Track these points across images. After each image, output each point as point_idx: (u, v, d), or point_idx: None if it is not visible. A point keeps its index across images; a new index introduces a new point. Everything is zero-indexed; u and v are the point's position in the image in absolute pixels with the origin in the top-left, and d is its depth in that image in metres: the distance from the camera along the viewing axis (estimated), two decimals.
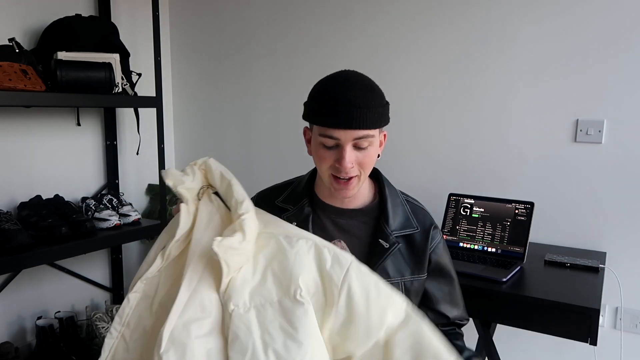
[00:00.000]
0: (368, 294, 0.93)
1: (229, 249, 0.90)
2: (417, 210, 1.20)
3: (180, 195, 0.99)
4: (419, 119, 2.14)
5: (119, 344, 0.99)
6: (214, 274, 0.94)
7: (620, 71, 1.78)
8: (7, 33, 1.95)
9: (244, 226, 0.93)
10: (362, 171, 1.06)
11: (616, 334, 1.85)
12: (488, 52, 1.98)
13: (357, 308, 0.92)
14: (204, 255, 0.95)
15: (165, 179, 0.99)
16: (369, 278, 0.95)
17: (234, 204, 0.97)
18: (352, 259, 0.96)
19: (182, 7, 2.65)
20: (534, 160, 1.94)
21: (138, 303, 0.99)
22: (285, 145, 2.45)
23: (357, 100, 0.99)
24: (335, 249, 0.98)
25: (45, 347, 1.99)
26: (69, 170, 2.24)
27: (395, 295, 0.96)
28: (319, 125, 1.03)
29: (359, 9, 2.21)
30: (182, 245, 1.00)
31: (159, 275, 1.00)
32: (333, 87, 1.02)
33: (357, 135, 1.01)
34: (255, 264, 0.96)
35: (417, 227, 1.15)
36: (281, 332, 0.89)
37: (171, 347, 0.87)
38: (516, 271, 1.59)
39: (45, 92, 1.75)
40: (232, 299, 0.92)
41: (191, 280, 0.93)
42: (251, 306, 0.92)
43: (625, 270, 1.81)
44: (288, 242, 0.98)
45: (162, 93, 2.20)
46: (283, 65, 2.42)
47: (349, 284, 0.93)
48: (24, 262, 1.74)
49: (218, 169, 1.01)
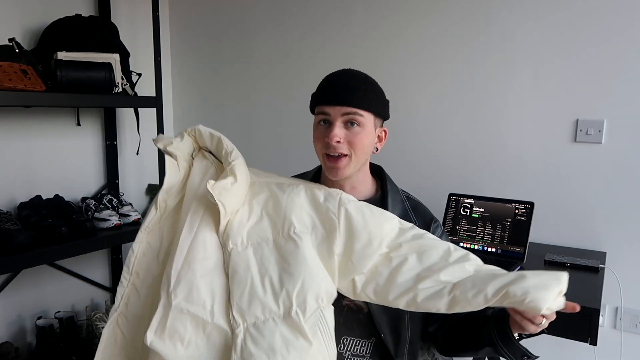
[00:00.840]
0: (363, 213, 1.05)
1: (222, 190, 0.98)
2: (417, 206, 1.23)
3: (169, 153, 1.07)
4: (419, 119, 2.14)
5: (130, 292, 1.06)
6: (213, 218, 1.02)
7: (621, 71, 1.78)
8: (7, 33, 1.95)
9: (235, 170, 1.02)
10: (353, 152, 1.10)
11: (616, 334, 1.85)
12: (488, 52, 1.98)
13: (356, 225, 1.03)
14: (202, 201, 1.03)
15: (156, 143, 1.08)
16: (359, 203, 1.08)
17: (224, 155, 1.06)
18: (340, 191, 1.09)
19: (182, 7, 2.65)
20: (534, 160, 1.94)
21: (144, 253, 1.06)
22: (286, 144, 2.45)
23: (348, 82, 1.10)
24: (324, 187, 1.10)
25: (45, 347, 1.99)
26: (69, 170, 2.24)
27: (386, 212, 1.09)
28: (316, 105, 1.13)
29: (360, 11, 2.21)
30: (177, 197, 1.08)
31: (160, 227, 1.07)
32: (331, 75, 1.15)
33: (345, 110, 1.08)
34: (251, 208, 1.05)
35: (415, 222, 1.18)
36: (276, 267, 0.99)
37: (178, 285, 0.96)
38: (516, 271, 1.59)
39: (45, 92, 1.75)
40: (230, 238, 1.00)
41: (192, 224, 1.00)
42: (248, 244, 1.01)
43: (625, 270, 1.81)
44: (280, 188, 1.08)
45: (162, 93, 2.20)
46: (283, 65, 2.42)
47: (344, 208, 1.04)
48: (24, 262, 1.74)
49: (207, 130, 1.10)
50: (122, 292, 1.06)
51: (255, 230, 1.03)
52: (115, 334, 1.06)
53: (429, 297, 0.99)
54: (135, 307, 1.06)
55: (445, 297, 0.98)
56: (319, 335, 0.97)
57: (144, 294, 1.06)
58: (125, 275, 1.05)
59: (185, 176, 1.10)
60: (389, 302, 1.03)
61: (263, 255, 1.00)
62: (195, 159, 1.11)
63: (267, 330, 0.94)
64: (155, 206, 1.06)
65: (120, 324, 1.06)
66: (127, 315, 1.06)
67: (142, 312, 1.05)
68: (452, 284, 0.98)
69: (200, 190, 1.06)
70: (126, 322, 1.06)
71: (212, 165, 1.11)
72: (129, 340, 1.07)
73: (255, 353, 0.92)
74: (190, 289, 0.97)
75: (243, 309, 0.96)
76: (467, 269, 1.01)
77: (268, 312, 0.95)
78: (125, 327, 1.06)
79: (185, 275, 0.97)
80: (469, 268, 1.01)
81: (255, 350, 0.93)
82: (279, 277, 0.97)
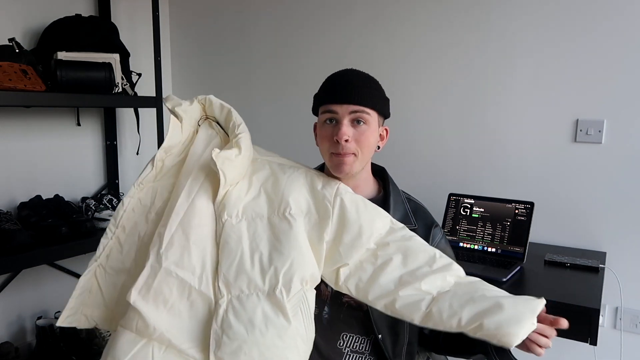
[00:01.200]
0: (357, 205, 1.06)
1: (226, 160, 0.99)
2: (418, 209, 1.24)
3: (176, 113, 1.08)
4: (419, 119, 2.14)
5: (113, 245, 1.07)
6: (212, 187, 1.03)
7: (621, 71, 1.78)
8: (7, 33, 1.95)
9: (240, 143, 1.04)
10: (360, 151, 1.10)
11: (616, 334, 1.85)
12: (488, 52, 1.98)
13: (349, 216, 1.04)
14: (204, 168, 1.05)
15: (165, 102, 1.09)
16: (355, 196, 1.09)
17: (232, 126, 1.08)
18: (339, 181, 1.10)
19: (182, 7, 2.65)
20: (534, 160, 1.94)
21: (133, 209, 1.07)
22: (286, 144, 2.45)
23: (353, 81, 1.11)
24: (324, 176, 1.12)
25: (45, 347, 1.99)
26: (69, 170, 2.24)
27: (380, 209, 1.09)
28: (321, 105, 1.13)
29: (360, 11, 2.21)
30: (176, 159, 1.10)
31: (154, 187, 1.08)
32: (335, 74, 1.16)
33: (353, 109, 1.09)
34: (250, 183, 1.07)
35: (415, 225, 1.19)
36: (267, 244, 1.00)
37: (170, 248, 0.97)
38: (516, 271, 1.59)
39: (45, 92, 1.75)
40: (225, 210, 1.01)
41: (191, 190, 1.02)
42: (243, 218, 1.02)
43: (625, 270, 1.81)
44: (281, 169, 1.10)
45: (162, 93, 2.20)
46: (283, 65, 2.42)
47: (340, 197, 1.06)
48: (24, 262, 1.74)
49: (218, 100, 1.13)
50: (105, 243, 1.06)
51: (252, 205, 1.04)
52: (91, 283, 1.07)
53: (407, 305, 0.99)
54: (116, 261, 1.07)
55: (422, 310, 0.98)
56: (300, 316, 0.98)
57: (127, 249, 1.06)
58: (110, 228, 1.06)
59: (189, 140, 1.11)
60: (368, 301, 1.03)
61: (256, 230, 1.01)
62: (201, 127, 1.12)
63: (250, 305, 0.95)
64: (151, 163, 1.07)
65: (98, 275, 1.07)
66: (105, 267, 1.07)
67: (121, 266, 1.06)
68: (432, 297, 0.98)
69: (203, 158, 1.07)
70: (104, 274, 1.07)
71: (217, 135, 1.12)
72: (104, 292, 1.08)
73: (235, 325, 0.94)
74: (182, 254, 0.97)
75: (229, 280, 0.97)
76: (448, 279, 1.01)
77: (253, 287, 0.96)
78: (102, 279, 1.07)
79: (179, 239, 0.98)
80: (449, 279, 1.01)
81: (235, 322, 0.94)
82: (269, 254, 0.98)
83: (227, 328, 0.94)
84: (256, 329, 0.93)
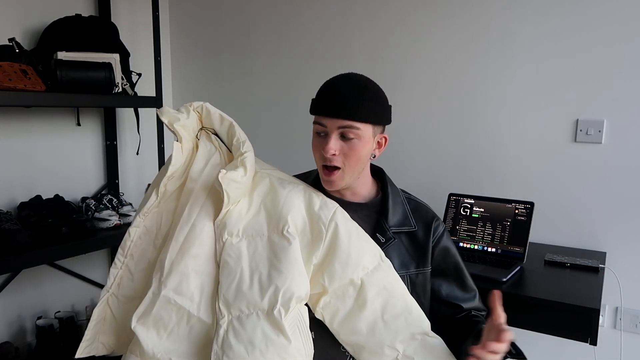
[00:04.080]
0: (350, 233, 1.05)
1: (231, 182, 0.98)
2: (418, 207, 1.22)
3: (177, 133, 1.05)
4: (419, 119, 2.14)
5: (123, 273, 1.08)
6: (213, 206, 1.03)
7: (620, 71, 1.78)
8: (7, 33, 1.95)
9: (246, 163, 1.02)
10: (346, 163, 1.09)
11: (616, 334, 1.85)
12: (488, 52, 1.98)
13: (340, 243, 1.03)
14: (205, 188, 1.04)
15: (160, 116, 1.06)
16: (351, 223, 1.08)
17: (236, 143, 1.07)
18: (337, 205, 1.08)
19: (182, 7, 2.65)
20: (534, 160, 1.94)
21: (140, 237, 1.07)
22: (285, 144, 2.45)
23: (346, 93, 1.06)
24: (322, 196, 1.09)
25: (45, 347, 1.99)
26: (69, 170, 2.24)
27: (372, 241, 1.08)
28: (313, 114, 1.11)
29: (359, 10, 2.21)
30: (178, 182, 1.08)
31: (159, 212, 1.08)
32: (331, 82, 1.11)
33: (342, 124, 1.06)
34: (251, 200, 1.06)
35: (414, 227, 1.17)
36: (267, 262, 1.00)
37: (170, 275, 0.98)
38: (516, 271, 1.59)
39: (45, 92, 1.75)
40: (226, 229, 1.01)
41: (191, 213, 1.02)
42: (243, 237, 1.02)
43: (625, 270, 1.81)
44: (280, 184, 1.09)
45: (162, 93, 2.20)
46: (283, 65, 2.42)
47: (335, 222, 1.04)
48: (24, 262, 1.74)
49: (217, 111, 1.10)
50: (115, 273, 1.07)
51: (252, 223, 1.03)
52: (105, 312, 1.09)
53: (372, 356, 1.04)
54: (127, 289, 1.08)
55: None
56: (298, 333, 0.99)
57: (137, 277, 1.07)
58: (119, 257, 1.07)
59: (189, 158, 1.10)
60: (337, 336, 1.06)
61: (256, 249, 1.01)
62: (200, 141, 1.10)
63: (250, 325, 0.96)
64: (155, 192, 1.06)
65: (111, 304, 1.08)
66: (118, 295, 1.08)
67: (133, 294, 1.07)
68: (396, 356, 1.03)
69: (204, 176, 1.06)
70: (117, 302, 1.09)
71: (216, 151, 1.10)
72: (118, 320, 1.09)
73: (235, 346, 0.94)
74: (180, 281, 0.98)
75: (229, 301, 0.97)
76: (416, 337, 1.04)
77: (253, 306, 0.97)
78: (115, 307, 1.09)
79: (178, 266, 0.99)
80: (417, 337, 1.05)
81: (235, 343, 0.94)
82: (268, 272, 0.99)
83: (227, 349, 0.94)
84: (256, 349, 0.94)
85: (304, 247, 1.03)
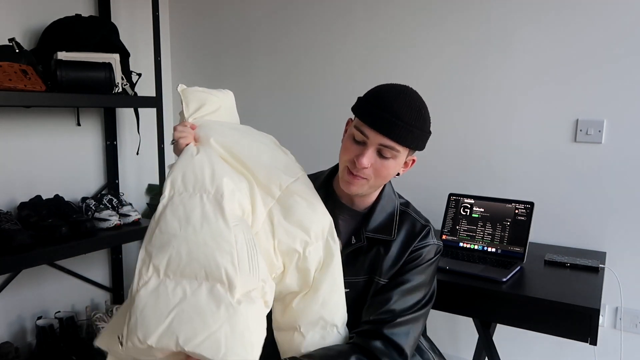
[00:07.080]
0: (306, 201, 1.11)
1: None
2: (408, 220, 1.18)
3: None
4: None
5: None
6: None
7: (620, 71, 1.78)
8: (7, 33, 1.95)
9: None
10: (374, 178, 1.08)
11: (616, 334, 1.85)
12: (488, 52, 1.98)
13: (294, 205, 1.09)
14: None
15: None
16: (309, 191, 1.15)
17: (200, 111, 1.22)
18: (301, 172, 1.21)
19: (182, 7, 2.65)
20: (534, 160, 1.94)
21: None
22: (286, 143, 2.44)
23: (400, 113, 1.03)
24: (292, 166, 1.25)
25: (45, 347, 1.99)
26: (69, 170, 2.24)
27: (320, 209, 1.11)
28: (359, 119, 1.07)
29: (359, 8, 2.21)
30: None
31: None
32: (388, 93, 1.06)
33: (384, 143, 1.04)
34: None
35: (392, 236, 1.14)
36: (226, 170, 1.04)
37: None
38: (516, 271, 1.59)
39: (45, 92, 1.75)
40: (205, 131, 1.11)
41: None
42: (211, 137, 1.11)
43: (625, 270, 1.81)
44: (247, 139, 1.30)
45: (162, 93, 2.20)
46: (283, 65, 2.42)
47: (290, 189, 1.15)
48: (24, 262, 1.74)
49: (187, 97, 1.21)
50: None
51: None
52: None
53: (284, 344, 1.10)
54: None
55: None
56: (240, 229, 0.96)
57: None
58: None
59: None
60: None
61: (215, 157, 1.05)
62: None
63: (191, 204, 0.94)
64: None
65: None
66: None
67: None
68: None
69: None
70: None
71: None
72: None
73: (170, 219, 0.93)
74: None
75: (177, 179, 0.98)
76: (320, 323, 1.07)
77: (199, 187, 0.96)
78: None
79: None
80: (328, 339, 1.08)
81: (170, 217, 0.93)
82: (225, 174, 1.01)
83: (161, 221, 0.93)
84: (190, 226, 0.92)
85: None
